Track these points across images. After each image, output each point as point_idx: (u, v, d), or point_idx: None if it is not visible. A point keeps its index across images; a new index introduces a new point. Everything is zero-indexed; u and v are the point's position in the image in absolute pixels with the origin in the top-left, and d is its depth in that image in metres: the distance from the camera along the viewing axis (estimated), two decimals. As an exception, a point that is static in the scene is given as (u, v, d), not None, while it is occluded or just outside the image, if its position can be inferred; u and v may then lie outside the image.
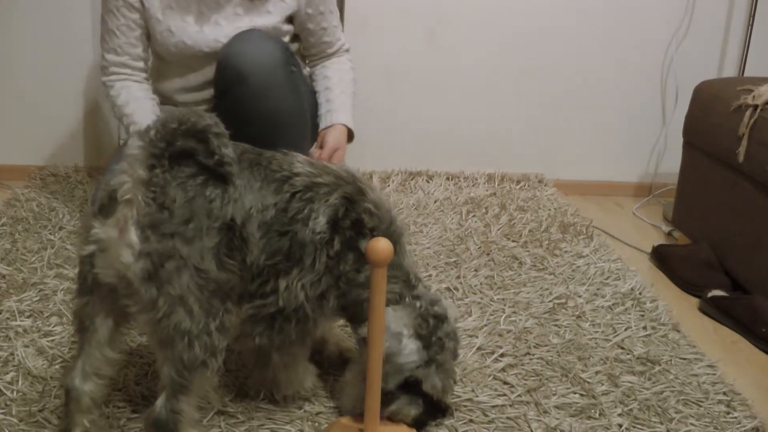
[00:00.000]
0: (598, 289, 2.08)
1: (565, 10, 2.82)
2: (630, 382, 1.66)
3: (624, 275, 2.17)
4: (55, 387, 1.49)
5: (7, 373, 1.54)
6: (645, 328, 1.89)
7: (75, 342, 1.37)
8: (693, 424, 1.54)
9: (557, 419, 1.52)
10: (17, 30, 2.63)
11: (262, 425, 1.44)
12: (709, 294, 2.07)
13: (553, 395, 1.60)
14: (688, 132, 2.49)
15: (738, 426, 1.55)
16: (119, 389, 1.50)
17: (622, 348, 1.80)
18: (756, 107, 2.13)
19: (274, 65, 1.90)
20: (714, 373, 1.72)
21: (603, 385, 1.65)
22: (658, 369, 1.72)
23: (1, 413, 1.42)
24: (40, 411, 1.43)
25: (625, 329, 1.88)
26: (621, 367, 1.72)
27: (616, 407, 1.57)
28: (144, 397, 1.48)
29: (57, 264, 2.01)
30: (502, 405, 1.55)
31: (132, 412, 1.45)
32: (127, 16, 1.98)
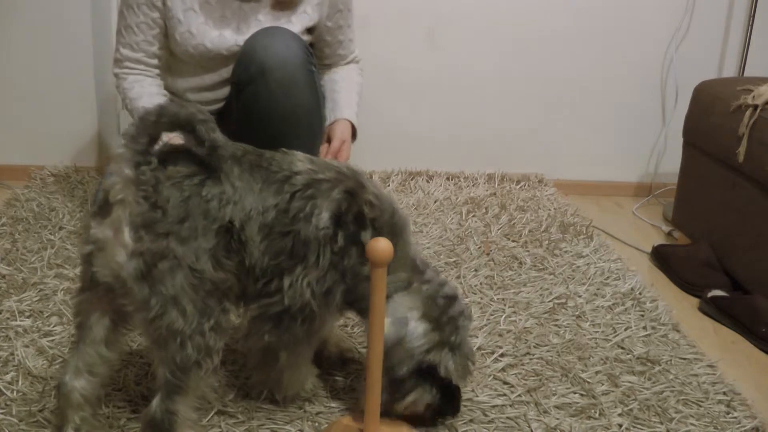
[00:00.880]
0: (598, 289, 2.08)
1: (564, 10, 2.82)
2: (630, 382, 1.66)
3: (624, 275, 2.17)
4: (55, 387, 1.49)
5: (7, 373, 1.54)
6: (645, 328, 1.89)
7: (74, 340, 1.37)
8: (693, 424, 1.54)
9: (557, 419, 1.52)
10: (17, 30, 2.62)
11: (262, 425, 1.44)
12: (709, 294, 2.07)
13: (553, 395, 1.60)
14: (688, 132, 2.49)
15: (738, 426, 1.55)
16: (119, 389, 1.50)
17: (622, 348, 1.80)
18: (756, 107, 2.13)
19: (298, 63, 1.90)
20: (714, 373, 1.72)
21: (603, 385, 1.65)
22: (658, 369, 1.72)
23: (1, 413, 1.43)
24: (40, 411, 1.43)
25: (625, 329, 1.88)
26: (621, 367, 1.72)
27: (616, 407, 1.57)
28: (144, 397, 1.48)
29: (57, 264, 2.01)
30: (502, 405, 1.55)
31: (132, 412, 1.45)
32: (147, 14, 1.97)
